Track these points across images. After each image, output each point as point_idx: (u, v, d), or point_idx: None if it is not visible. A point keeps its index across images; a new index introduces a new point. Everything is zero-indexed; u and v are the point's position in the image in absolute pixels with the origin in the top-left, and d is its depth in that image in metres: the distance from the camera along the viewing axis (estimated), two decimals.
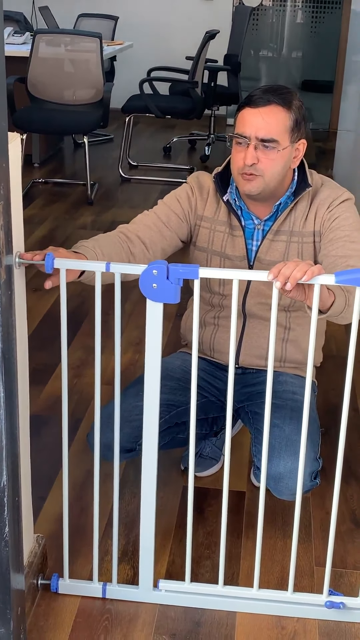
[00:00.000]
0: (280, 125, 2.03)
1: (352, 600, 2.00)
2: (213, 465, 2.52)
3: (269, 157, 2.04)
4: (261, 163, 2.04)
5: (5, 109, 1.51)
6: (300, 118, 2.07)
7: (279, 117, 2.03)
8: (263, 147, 2.03)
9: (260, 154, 2.03)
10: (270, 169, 2.05)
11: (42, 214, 5.02)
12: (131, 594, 2.04)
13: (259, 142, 2.03)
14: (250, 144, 2.03)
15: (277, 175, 2.07)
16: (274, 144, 2.03)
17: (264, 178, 2.05)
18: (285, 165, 2.08)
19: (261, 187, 2.07)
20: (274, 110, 2.03)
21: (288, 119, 2.04)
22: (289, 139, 2.05)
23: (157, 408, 1.86)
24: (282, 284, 1.69)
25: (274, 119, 2.03)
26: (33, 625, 1.95)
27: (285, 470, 2.03)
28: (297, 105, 2.07)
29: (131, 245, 2.09)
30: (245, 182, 2.07)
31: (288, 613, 2.01)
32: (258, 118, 2.02)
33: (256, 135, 2.02)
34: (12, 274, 1.65)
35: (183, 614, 2.01)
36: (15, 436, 1.73)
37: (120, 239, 2.09)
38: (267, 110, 2.03)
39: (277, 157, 2.04)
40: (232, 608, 2.02)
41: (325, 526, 2.28)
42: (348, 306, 1.83)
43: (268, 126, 2.02)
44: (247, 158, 2.03)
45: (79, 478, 2.39)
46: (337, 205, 2.12)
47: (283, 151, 2.05)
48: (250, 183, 2.06)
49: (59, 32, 5.79)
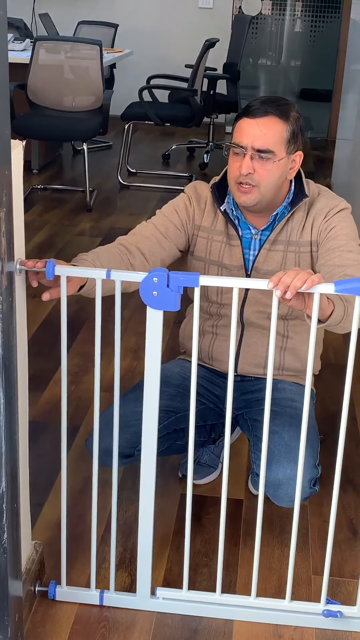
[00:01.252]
0: (276, 136, 2.04)
1: (349, 609, 2.00)
2: (211, 473, 2.52)
3: (265, 167, 2.05)
4: (257, 173, 2.04)
5: (7, 117, 1.52)
6: (297, 130, 2.08)
7: (276, 128, 2.04)
8: (259, 158, 2.04)
9: (256, 164, 2.04)
10: (265, 180, 2.05)
11: (40, 220, 5.02)
12: (128, 601, 2.03)
13: (255, 153, 2.03)
14: (247, 154, 2.04)
15: (273, 186, 2.08)
16: (270, 154, 2.04)
17: (259, 189, 2.06)
18: (281, 176, 2.08)
19: (257, 199, 2.08)
20: (271, 121, 2.04)
21: (285, 130, 2.05)
22: (285, 151, 2.06)
23: (156, 414, 1.86)
24: (282, 293, 1.69)
25: (271, 130, 2.03)
26: (30, 632, 1.95)
27: (284, 477, 2.04)
28: (295, 117, 2.08)
29: (131, 257, 2.10)
30: (240, 194, 2.08)
31: (285, 622, 2.01)
32: (255, 128, 2.03)
33: (252, 146, 2.03)
34: (13, 281, 1.66)
35: (180, 621, 2.01)
36: (14, 442, 1.73)
37: (120, 251, 2.10)
38: (264, 121, 2.03)
39: (272, 168, 2.05)
40: (229, 616, 2.02)
41: (322, 534, 2.28)
42: (347, 315, 1.83)
43: (265, 137, 2.03)
44: (243, 168, 2.04)
45: (77, 485, 2.39)
46: (334, 215, 2.13)
47: (279, 162, 2.05)
48: (246, 195, 2.07)
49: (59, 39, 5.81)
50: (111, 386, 1.86)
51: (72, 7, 7.57)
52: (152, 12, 7.75)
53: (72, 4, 7.64)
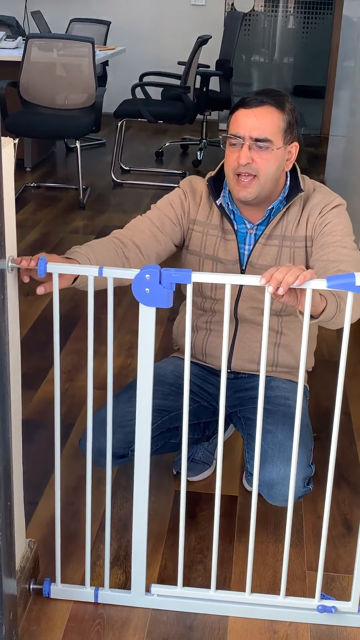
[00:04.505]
0: (274, 125, 2.04)
1: (343, 604, 2.01)
2: (205, 470, 2.52)
3: (263, 157, 2.04)
4: (255, 163, 2.04)
5: None
6: (292, 120, 2.08)
7: (273, 117, 2.04)
8: (257, 147, 2.04)
9: (254, 154, 2.04)
10: (264, 169, 2.05)
11: (34, 218, 5.02)
12: (123, 598, 2.04)
13: (253, 142, 2.03)
14: (245, 144, 2.03)
15: (272, 176, 2.08)
16: (267, 143, 2.04)
17: (258, 179, 2.06)
18: (279, 166, 2.08)
19: (256, 192, 2.07)
20: (268, 110, 2.04)
21: (281, 120, 2.05)
22: (283, 140, 2.06)
23: (149, 413, 1.86)
24: (274, 289, 1.69)
25: (268, 119, 2.04)
26: (25, 630, 1.95)
27: (278, 477, 2.04)
28: (290, 107, 2.08)
29: (126, 250, 2.10)
30: (240, 188, 2.07)
31: (280, 617, 2.01)
32: (252, 118, 2.03)
33: (250, 135, 2.03)
34: (5, 279, 1.65)
35: (175, 618, 2.01)
36: (8, 441, 1.73)
37: (114, 245, 2.09)
38: (260, 111, 2.04)
39: (271, 157, 2.05)
40: (224, 612, 2.02)
41: (317, 530, 2.29)
42: (339, 311, 1.83)
43: (262, 126, 2.03)
44: (242, 158, 2.03)
45: (71, 483, 2.39)
46: (329, 211, 2.13)
47: (277, 151, 2.05)
48: (246, 189, 2.07)
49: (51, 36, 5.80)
50: (105, 384, 1.86)
51: (64, 5, 7.57)
52: (144, 9, 7.75)
53: (65, 2, 7.63)
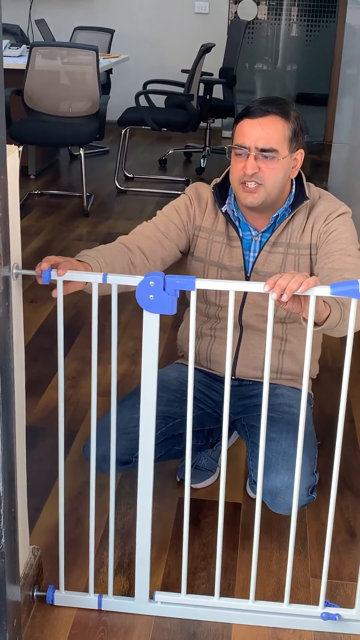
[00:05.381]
0: (279, 135, 2.04)
1: (347, 611, 2.00)
2: (209, 477, 2.52)
3: (269, 166, 2.04)
4: (262, 172, 2.04)
5: (3, 123, 1.52)
6: (298, 128, 2.08)
7: (278, 127, 2.04)
8: (263, 157, 2.04)
9: (260, 164, 2.04)
10: (271, 178, 2.05)
11: (38, 225, 5.03)
12: (127, 605, 2.03)
13: (259, 152, 2.03)
14: (250, 155, 2.03)
15: (278, 184, 2.08)
16: (273, 153, 2.04)
17: (265, 187, 2.06)
18: (285, 174, 2.09)
19: (263, 198, 2.07)
20: (273, 120, 2.04)
21: (287, 128, 2.05)
22: (288, 149, 2.06)
23: (153, 420, 1.86)
24: (278, 296, 1.69)
25: (273, 129, 2.04)
26: (28, 637, 1.95)
27: (282, 485, 2.03)
28: (295, 115, 2.08)
29: (132, 255, 2.10)
30: (246, 194, 2.07)
31: (284, 625, 2.01)
32: (257, 128, 2.03)
33: (256, 146, 2.03)
34: (10, 285, 1.66)
35: (179, 625, 2.00)
36: (12, 447, 1.73)
37: (121, 250, 2.09)
38: (266, 121, 2.04)
39: (277, 167, 2.05)
40: (228, 620, 2.02)
41: (320, 537, 2.28)
42: (343, 319, 1.83)
43: (267, 136, 2.03)
44: (248, 168, 2.03)
45: (75, 489, 2.39)
46: (334, 219, 2.13)
47: (283, 160, 2.05)
48: (252, 195, 2.07)
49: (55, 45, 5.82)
50: (109, 391, 1.86)
51: (68, 13, 7.59)
52: (148, 17, 7.78)
53: (68, 10, 7.66)
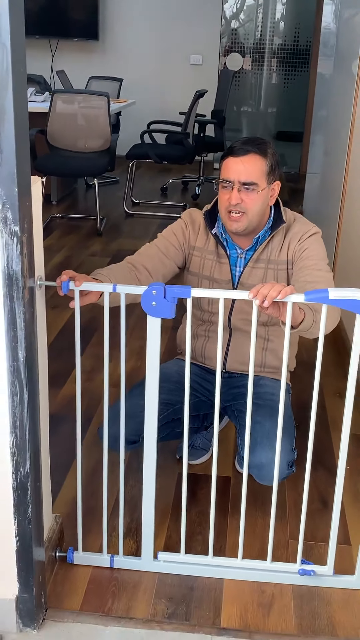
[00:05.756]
0: (258, 170, 2.04)
1: (321, 568, 2.00)
2: (203, 455, 2.52)
3: (250, 197, 2.05)
4: (244, 202, 2.05)
5: (28, 160, 1.52)
6: (274, 163, 2.08)
7: (257, 163, 2.04)
8: (245, 190, 2.04)
9: (243, 195, 2.04)
10: (252, 207, 2.06)
11: (59, 243, 5.03)
12: (135, 564, 2.03)
13: (241, 186, 2.04)
14: (234, 187, 2.04)
15: (259, 211, 2.08)
16: (254, 186, 2.04)
17: (247, 215, 2.06)
18: (264, 203, 2.09)
19: (245, 225, 2.08)
20: (253, 158, 2.04)
21: (265, 164, 2.05)
22: (266, 181, 2.06)
23: (156, 406, 1.86)
24: (260, 302, 1.70)
25: (253, 166, 2.04)
26: (52, 591, 1.94)
27: (266, 460, 2.03)
28: (271, 152, 2.08)
29: (138, 273, 2.11)
30: (232, 222, 2.08)
31: (267, 579, 2.01)
32: (240, 166, 2.03)
33: (239, 180, 2.03)
34: (35, 294, 1.66)
35: (178, 580, 2.00)
36: (37, 431, 1.73)
37: (128, 268, 2.10)
38: (246, 159, 2.04)
39: (257, 197, 2.05)
40: (220, 575, 2.02)
41: (298, 506, 2.28)
42: (315, 323, 1.83)
43: (248, 172, 2.03)
44: (232, 199, 2.04)
45: (90, 466, 2.39)
46: (307, 239, 2.13)
47: (262, 192, 2.06)
48: (237, 223, 2.08)
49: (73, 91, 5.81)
50: (119, 383, 1.86)
51: (84, 65, 7.60)
52: (151, 68, 7.78)
53: (84, 62, 7.67)
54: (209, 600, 1.94)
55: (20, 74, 1.43)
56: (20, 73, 1.43)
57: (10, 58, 1.39)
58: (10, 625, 1.82)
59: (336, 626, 1.89)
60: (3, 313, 1.58)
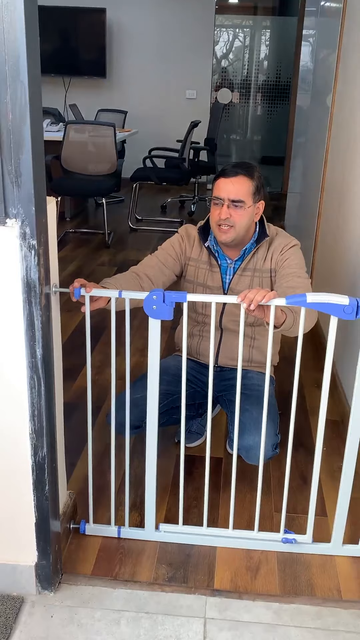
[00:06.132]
0: (245, 190, 2.04)
1: (301, 537, 2.00)
2: (198, 439, 2.51)
3: (238, 213, 2.05)
4: (232, 217, 2.05)
5: (43, 182, 1.52)
6: (260, 185, 2.08)
7: (245, 184, 2.04)
8: (233, 206, 2.04)
9: (231, 211, 2.04)
10: (239, 221, 2.06)
11: (71, 255, 5.02)
12: (139, 534, 2.03)
13: (230, 203, 2.04)
14: (224, 204, 2.04)
15: (245, 226, 2.08)
16: (241, 203, 2.04)
17: (235, 228, 2.06)
18: (250, 219, 2.09)
19: (233, 236, 2.08)
20: (241, 179, 2.04)
21: (251, 185, 2.05)
22: (252, 200, 2.06)
23: (157, 396, 1.86)
24: (247, 305, 1.70)
25: (241, 186, 2.04)
26: (67, 558, 1.94)
27: (253, 443, 2.03)
28: (257, 175, 2.08)
29: (141, 281, 2.10)
30: (221, 233, 2.08)
31: (254, 547, 2.00)
32: (230, 185, 2.03)
33: (228, 197, 2.03)
34: (50, 300, 1.65)
35: (177, 548, 2.00)
36: (53, 419, 1.73)
37: (132, 277, 2.10)
38: (236, 180, 2.04)
39: (243, 213, 2.05)
40: (213, 544, 2.01)
41: (281, 482, 2.28)
42: (295, 323, 1.84)
43: (237, 191, 2.03)
44: (222, 214, 2.04)
45: (100, 449, 2.38)
46: (287, 250, 2.13)
47: (248, 209, 2.05)
48: (226, 234, 2.08)
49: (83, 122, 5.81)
50: (124, 376, 1.86)
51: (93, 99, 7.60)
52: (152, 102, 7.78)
53: (93, 97, 7.66)
54: (203, 565, 1.94)
55: (36, 107, 1.43)
56: (37, 107, 1.43)
57: (28, 94, 1.38)
58: (30, 588, 1.82)
59: (314, 587, 1.89)
60: (23, 316, 1.58)
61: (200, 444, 2.50)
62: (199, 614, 1.79)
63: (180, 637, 1.72)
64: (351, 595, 1.86)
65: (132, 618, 1.77)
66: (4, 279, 1.55)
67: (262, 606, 1.82)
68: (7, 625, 1.71)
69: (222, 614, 1.79)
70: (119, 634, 1.72)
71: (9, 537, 1.78)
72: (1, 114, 1.39)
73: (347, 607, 1.82)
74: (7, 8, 1.33)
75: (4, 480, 1.72)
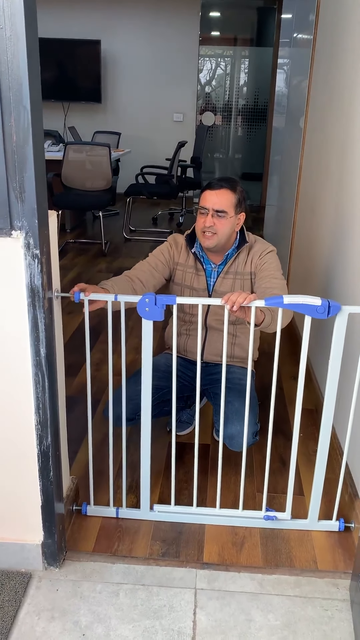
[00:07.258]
0: (228, 202, 2.05)
1: (281, 514, 2.00)
2: (188, 428, 2.51)
3: (221, 222, 2.05)
4: (216, 225, 2.05)
5: (45, 198, 1.52)
6: (241, 198, 2.09)
7: (228, 196, 2.05)
8: (217, 216, 2.04)
9: (215, 220, 2.05)
10: (222, 229, 2.06)
11: (72, 263, 5.00)
12: (135, 514, 2.02)
13: (214, 212, 2.04)
14: (209, 213, 2.04)
15: (226, 234, 2.08)
16: (224, 213, 2.04)
17: (217, 235, 2.07)
18: (232, 228, 2.09)
19: (215, 242, 2.08)
20: (225, 192, 2.04)
21: (234, 198, 2.06)
22: (234, 212, 2.07)
23: (150, 391, 1.86)
24: (230, 306, 1.70)
25: (225, 198, 2.04)
26: (70, 537, 1.93)
27: (236, 432, 2.03)
28: (240, 190, 2.09)
29: (134, 284, 2.10)
30: (205, 239, 2.08)
31: (239, 524, 2.01)
32: (214, 197, 2.04)
33: (213, 207, 2.04)
34: (52, 303, 1.65)
35: (170, 526, 2.00)
36: (56, 411, 1.72)
37: (127, 280, 2.10)
38: (220, 192, 2.04)
39: (226, 223, 2.06)
40: (202, 522, 2.01)
41: (262, 465, 2.28)
42: (273, 321, 1.84)
43: (220, 202, 2.03)
44: (207, 222, 2.05)
45: (99, 438, 2.38)
46: (265, 255, 2.14)
47: (230, 219, 2.06)
48: (209, 240, 2.08)
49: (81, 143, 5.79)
50: (121, 372, 1.85)
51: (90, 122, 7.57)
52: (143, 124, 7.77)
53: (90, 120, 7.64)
54: (194, 541, 1.94)
55: (38, 129, 1.42)
56: (39, 129, 1.43)
57: (30, 117, 1.38)
58: (37, 564, 1.82)
59: (293, 559, 1.89)
60: (28, 318, 1.57)
61: (190, 432, 2.50)
62: (190, 585, 1.79)
63: (173, 606, 1.72)
64: (326, 566, 1.87)
65: (130, 590, 1.76)
66: (10, 285, 1.54)
67: (246, 577, 1.82)
68: (16, 599, 1.71)
69: (210, 584, 1.79)
70: (118, 604, 1.72)
71: (17, 519, 1.78)
72: (6, 136, 1.39)
73: (322, 576, 1.83)
74: (10, 40, 1.33)
75: (12, 467, 1.72)
